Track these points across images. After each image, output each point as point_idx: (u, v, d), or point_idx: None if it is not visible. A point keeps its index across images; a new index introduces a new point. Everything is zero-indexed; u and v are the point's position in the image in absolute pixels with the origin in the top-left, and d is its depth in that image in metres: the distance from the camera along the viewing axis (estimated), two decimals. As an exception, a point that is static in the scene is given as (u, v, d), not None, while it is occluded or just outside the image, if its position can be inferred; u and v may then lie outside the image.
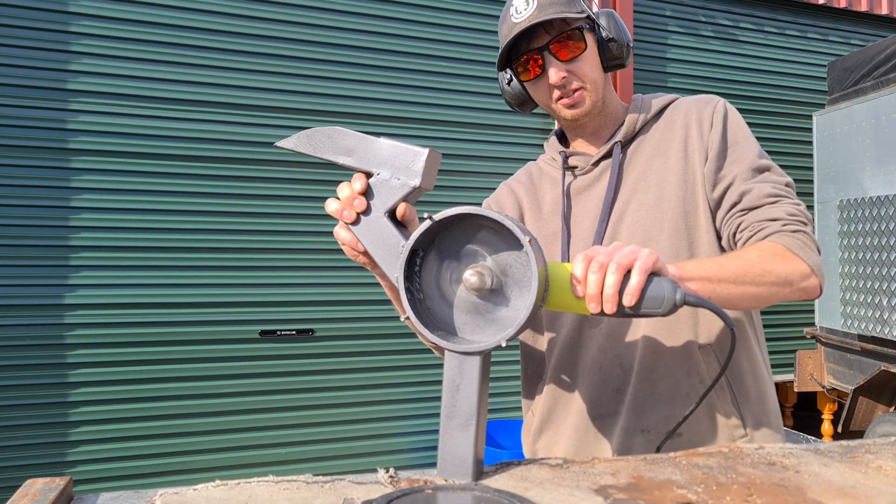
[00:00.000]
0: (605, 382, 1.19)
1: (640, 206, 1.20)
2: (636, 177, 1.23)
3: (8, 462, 3.38)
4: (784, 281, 1.05)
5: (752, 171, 1.17)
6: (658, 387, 1.15)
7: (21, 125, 3.41)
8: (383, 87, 4.11)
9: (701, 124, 1.22)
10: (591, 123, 1.26)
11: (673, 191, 1.19)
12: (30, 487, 0.75)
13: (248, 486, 0.78)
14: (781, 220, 1.11)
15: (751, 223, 1.13)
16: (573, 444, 1.22)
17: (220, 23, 3.78)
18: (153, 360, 3.63)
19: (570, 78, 1.17)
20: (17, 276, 3.41)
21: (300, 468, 3.85)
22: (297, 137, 0.93)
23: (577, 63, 1.17)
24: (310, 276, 3.93)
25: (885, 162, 4.26)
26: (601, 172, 1.26)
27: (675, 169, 1.20)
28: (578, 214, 1.25)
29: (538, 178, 1.35)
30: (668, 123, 1.25)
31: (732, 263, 1.01)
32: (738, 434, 1.16)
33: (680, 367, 1.15)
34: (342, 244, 0.95)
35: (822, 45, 5.51)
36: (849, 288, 4.53)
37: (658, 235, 1.17)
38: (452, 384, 0.83)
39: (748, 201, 1.14)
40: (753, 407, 1.18)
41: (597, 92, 1.21)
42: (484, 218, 0.83)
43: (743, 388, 1.18)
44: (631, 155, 1.25)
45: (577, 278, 0.85)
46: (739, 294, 1.01)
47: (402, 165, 0.89)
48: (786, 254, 1.06)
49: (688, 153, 1.21)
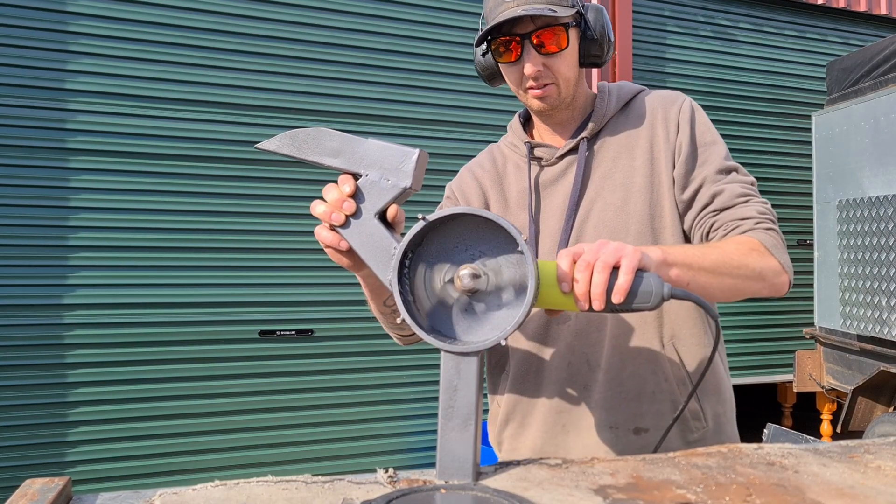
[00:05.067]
0: (572, 378, 1.21)
1: (607, 207, 1.21)
2: (602, 175, 1.23)
3: (7, 462, 3.38)
4: (758, 275, 1.08)
5: (721, 173, 1.19)
6: (626, 385, 1.19)
7: (20, 125, 3.41)
8: (382, 87, 4.12)
9: (667, 125, 1.23)
10: (558, 115, 1.26)
11: (639, 192, 1.20)
12: (29, 487, 0.75)
13: (247, 487, 0.78)
14: (754, 219, 1.14)
15: (724, 222, 1.16)
16: (541, 435, 1.24)
17: (220, 23, 3.78)
18: (152, 361, 3.63)
19: (544, 72, 1.16)
20: (16, 276, 3.41)
21: (299, 468, 3.85)
22: (279, 139, 0.91)
23: (555, 59, 1.16)
24: (309, 276, 3.93)
25: (884, 162, 4.26)
26: (567, 167, 1.26)
27: (642, 170, 1.21)
28: (545, 210, 1.25)
29: (502, 165, 1.33)
30: (634, 119, 1.26)
31: (712, 253, 1.04)
32: (699, 426, 1.20)
33: (646, 366, 1.19)
34: (325, 245, 0.92)
35: (820, 46, 5.52)
36: (848, 288, 4.53)
37: (624, 237, 1.19)
38: (450, 385, 0.83)
39: (720, 202, 1.17)
40: (711, 399, 1.22)
41: (568, 89, 1.20)
42: (476, 217, 0.83)
43: (703, 382, 1.21)
44: (597, 151, 1.25)
45: (564, 276, 0.86)
46: (716, 284, 1.03)
47: (391, 166, 0.87)
48: (760, 249, 1.10)
49: (654, 155, 1.22)
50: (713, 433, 1.21)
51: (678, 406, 1.18)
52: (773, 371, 5.31)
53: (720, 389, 1.24)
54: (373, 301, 1.12)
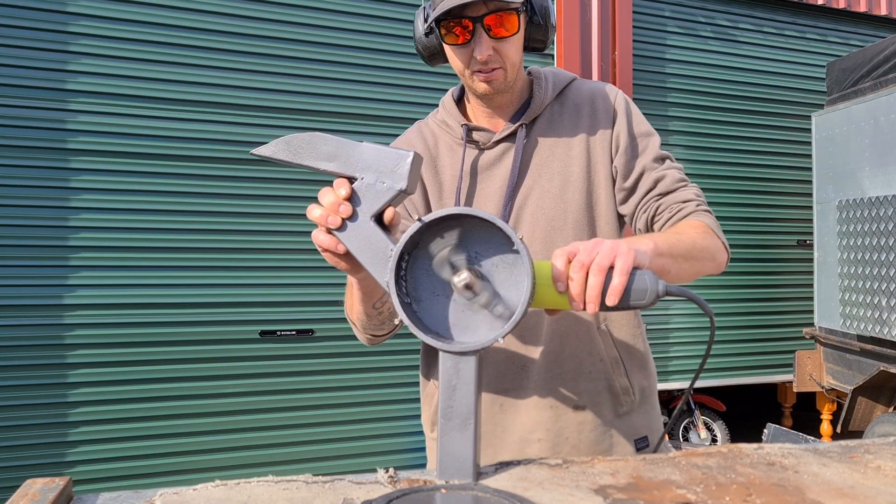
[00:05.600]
0: (510, 360, 1.24)
1: (544, 194, 1.23)
2: (539, 163, 1.25)
3: (8, 462, 3.38)
4: (711, 257, 1.14)
5: (657, 161, 1.26)
6: (564, 367, 1.24)
7: (20, 125, 3.41)
8: (377, 88, 4.11)
9: (603, 116, 1.26)
10: (499, 98, 1.26)
11: (576, 182, 1.24)
12: (29, 487, 0.75)
13: (247, 487, 0.78)
14: (694, 201, 1.21)
15: (668, 205, 1.22)
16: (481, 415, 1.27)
17: (219, 23, 3.78)
18: (153, 361, 3.63)
19: (493, 56, 1.16)
20: (16, 276, 3.41)
21: (300, 468, 3.85)
22: (274, 144, 0.91)
23: (505, 43, 1.16)
24: (310, 276, 3.93)
25: (884, 162, 4.26)
26: (503, 152, 1.26)
27: (578, 159, 1.24)
28: (481, 195, 1.26)
29: (434, 145, 1.31)
30: (570, 109, 1.28)
31: (682, 240, 1.08)
32: (628, 400, 1.27)
33: (583, 348, 1.24)
34: (322, 249, 0.92)
35: (820, 46, 5.52)
36: (848, 288, 4.53)
37: (562, 226, 1.23)
38: (449, 385, 0.83)
39: (663, 186, 1.23)
40: (638, 374, 1.29)
41: (513, 73, 1.20)
42: (472, 217, 0.84)
43: (631, 358, 1.28)
44: (533, 138, 1.26)
45: (559, 275, 0.87)
46: (686, 269, 1.08)
47: (386, 169, 0.88)
48: (709, 231, 1.16)
49: (590, 145, 1.25)
50: (639, 404, 1.29)
51: (611, 384, 1.26)
52: (773, 371, 5.31)
53: (645, 364, 1.31)
54: (362, 303, 1.11)
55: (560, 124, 1.27)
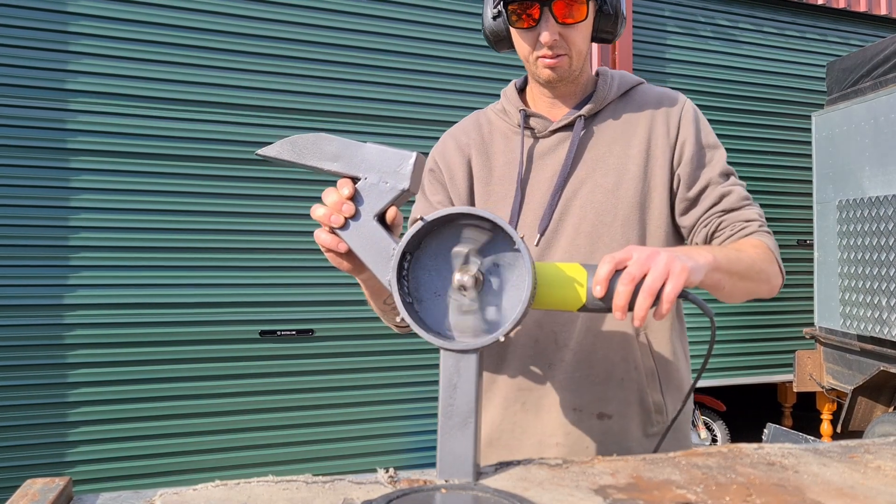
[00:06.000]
0: (538, 356, 1.20)
1: (596, 188, 1.21)
2: (595, 157, 1.22)
3: (8, 462, 3.38)
4: (766, 279, 1.12)
5: (724, 175, 1.23)
6: (595, 369, 1.19)
7: (20, 125, 3.41)
8: (379, 88, 4.12)
9: (668, 123, 1.23)
10: (562, 88, 1.24)
11: (631, 180, 1.20)
12: (29, 487, 0.75)
13: (247, 487, 0.78)
14: (757, 222, 1.19)
15: (731, 223, 1.19)
16: (500, 412, 1.23)
17: (219, 23, 3.78)
18: (153, 361, 3.63)
19: (559, 42, 1.14)
20: (16, 276, 3.41)
21: (300, 468, 3.85)
22: (279, 145, 0.92)
23: (572, 30, 1.14)
24: (310, 276, 3.93)
25: (884, 162, 4.26)
26: (559, 142, 1.24)
27: (636, 160, 1.21)
28: (533, 182, 1.24)
29: (489, 134, 1.30)
30: (634, 109, 1.25)
31: (743, 258, 1.07)
32: (660, 419, 1.21)
33: (617, 352, 1.19)
34: (324, 248, 0.93)
35: (820, 46, 5.52)
36: (848, 288, 4.53)
37: (611, 221, 1.19)
38: (450, 383, 0.84)
39: (728, 203, 1.20)
40: (673, 393, 1.24)
41: (579, 61, 1.19)
42: (473, 216, 0.84)
43: (668, 376, 1.23)
44: (592, 132, 1.24)
45: (599, 280, 0.87)
46: (741, 287, 1.07)
47: (389, 169, 0.89)
48: (769, 255, 1.14)
49: (650, 147, 1.22)
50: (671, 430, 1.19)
51: (644, 397, 1.20)
52: (773, 371, 5.31)
53: (682, 388, 1.26)
54: (373, 300, 1.12)
55: (621, 122, 1.24)
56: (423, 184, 1.31)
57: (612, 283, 0.87)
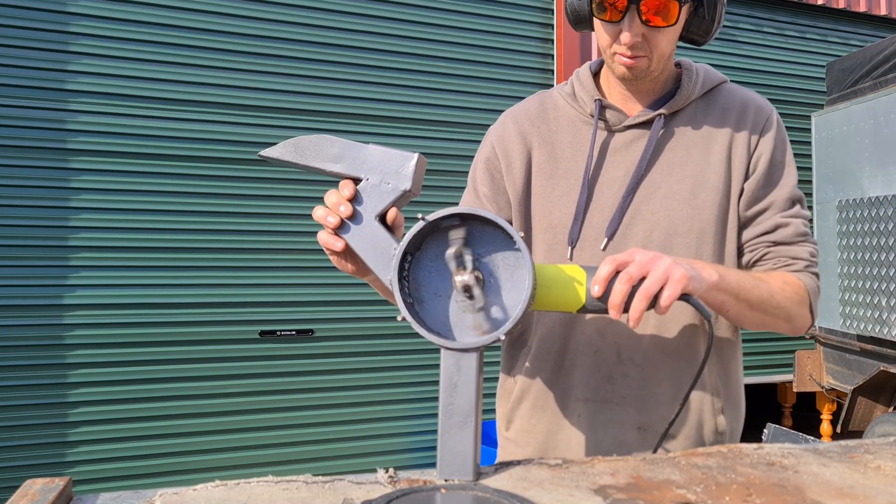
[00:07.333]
0: (596, 367, 1.14)
1: (671, 194, 1.13)
2: (672, 159, 1.15)
3: (8, 462, 3.38)
4: (788, 318, 1.10)
5: (790, 201, 1.16)
6: (662, 387, 1.13)
7: (20, 125, 3.41)
8: (380, 88, 4.11)
9: (751, 133, 1.16)
10: (640, 84, 1.15)
11: (711, 190, 1.13)
12: (29, 487, 0.75)
13: (247, 487, 0.78)
14: (805, 261, 1.14)
15: (777, 256, 1.14)
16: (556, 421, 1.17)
17: (218, 23, 3.78)
18: (153, 361, 3.63)
19: (640, 43, 1.06)
20: (16, 276, 3.41)
21: (300, 468, 3.85)
22: (282, 146, 0.92)
23: (657, 32, 1.05)
24: (310, 276, 3.93)
25: (883, 162, 4.26)
26: (634, 139, 1.16)
27: (717, 167, 1.14)
28: (603, 180, 1.15)
29: (554, 118, 1.21)
30: (717, 112, 1.17)
31: (760, 288, 1.04)
32: (718, 440, 1.17)
33: (685, 371, 1.13)
34: (327, 249, 0.93)
35: (820, 46, 5.52)
36: (848, 288, 4.53)
37: (686, 232, 1.12)
38: (450, 382, 0.84)
39: (780, 236, 1.14)
40: (731, 412, 1.20)
41: (660, 63, 1.11)
42: (473, 216, 0.85)
43: (729, 394, 1.19)
44: (670, 131, 1.16)
45: (599, 280, 0.88)
46: (749, 316, 1.05)
47: (391, 170, 0.89)
48: (803, 297, 1.10)
49: (731, 156, 1.15)
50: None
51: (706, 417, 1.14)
52: (773, 371, 5.30)
53: (739, 406, 1.21)
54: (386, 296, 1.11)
55: (703, 124, 1.16)
56: (475, 172, 1.24)
57: (611, 283, 0.89)
